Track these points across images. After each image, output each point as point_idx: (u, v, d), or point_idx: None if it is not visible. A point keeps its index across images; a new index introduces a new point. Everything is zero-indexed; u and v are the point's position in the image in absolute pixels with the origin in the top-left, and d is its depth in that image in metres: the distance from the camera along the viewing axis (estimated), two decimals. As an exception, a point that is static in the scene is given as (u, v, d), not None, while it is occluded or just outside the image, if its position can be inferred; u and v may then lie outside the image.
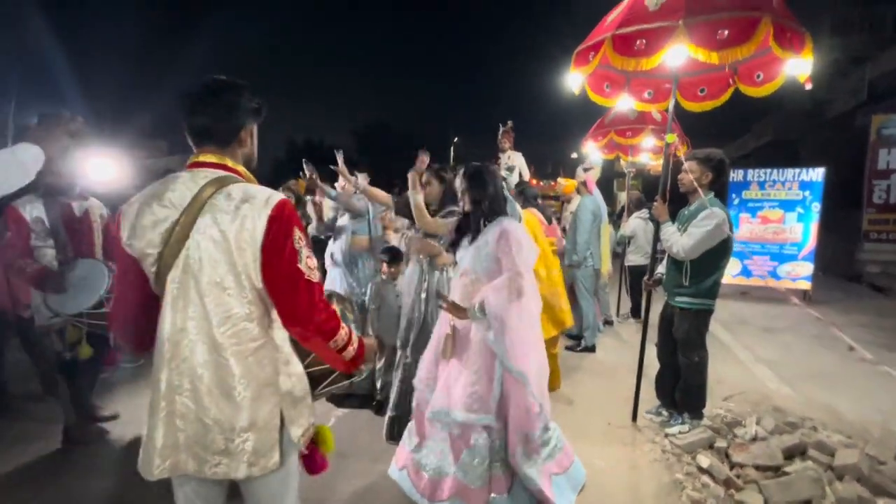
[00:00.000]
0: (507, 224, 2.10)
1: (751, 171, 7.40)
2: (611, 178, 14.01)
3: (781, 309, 6.61)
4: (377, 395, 3.18)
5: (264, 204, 1.11)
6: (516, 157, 5.80)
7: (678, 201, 2.95)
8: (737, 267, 7.31)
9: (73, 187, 2.70)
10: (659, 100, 3.37)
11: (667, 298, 2.96)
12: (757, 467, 2.42)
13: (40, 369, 3.16)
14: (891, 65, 9.71)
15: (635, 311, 5.71)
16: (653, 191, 3.02)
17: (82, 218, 2.73)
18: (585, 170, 4.89)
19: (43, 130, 1.37)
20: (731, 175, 7.44)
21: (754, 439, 2.70)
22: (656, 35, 2.40)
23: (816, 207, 6.95)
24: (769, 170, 7.26)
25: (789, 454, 2.50)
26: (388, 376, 3.00)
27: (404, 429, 2.41)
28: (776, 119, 14.68)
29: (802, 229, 7.05)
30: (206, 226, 1.10)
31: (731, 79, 2.97)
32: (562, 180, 5.80)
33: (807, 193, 7.00)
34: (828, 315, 6.25)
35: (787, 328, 5.60)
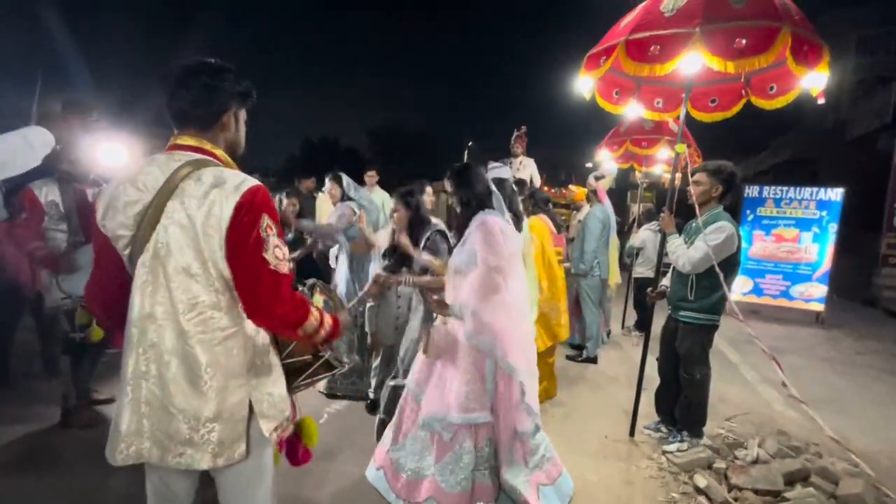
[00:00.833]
0: (484, 216, 2.06)
1: (767, 188, 7.25)
2: (625, 188, 13.86)
3: (792, 330, 6.45)
4: (371, 393, 3.15)
5: (234, 190, 1.07)
6: (528, 163, 5.75)
7: (687, 214, 2.89)
8: (748, 285, 7.16)
9: (87, 174, 2.75)
10: (669, 109, 3.31)
11: (670, 312, 2.89)
12: (756, 491, 2.33)
13: (46, 349, 3.21)
14: (918, 86, 9.50)
15: (641, 324, 5.61)
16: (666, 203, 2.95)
17: (94, 203, 2.75)
18: (597, 178, 4.82)
19: (62, 118, 1.39)
20: (747, 191, 7.31)
21: (755, 462, 2.62)
22: (671, 41, 2.35)
23: (833, 228, 6.78)
24: (786, 187, 7.11)
25: (791, 480, 2.41)
26: (384, 375, 2.97)
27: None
28: (796, 136, 14.44)
29: (818, 250, 6.88)
30: (175, 210, 1.07)
31: (743, 90, 2.91)
32: (573, 187, 5.74)
33: (824, 213, 6.84)
34: (840, 339, 6.08)
35: (796, 350, 5.45)
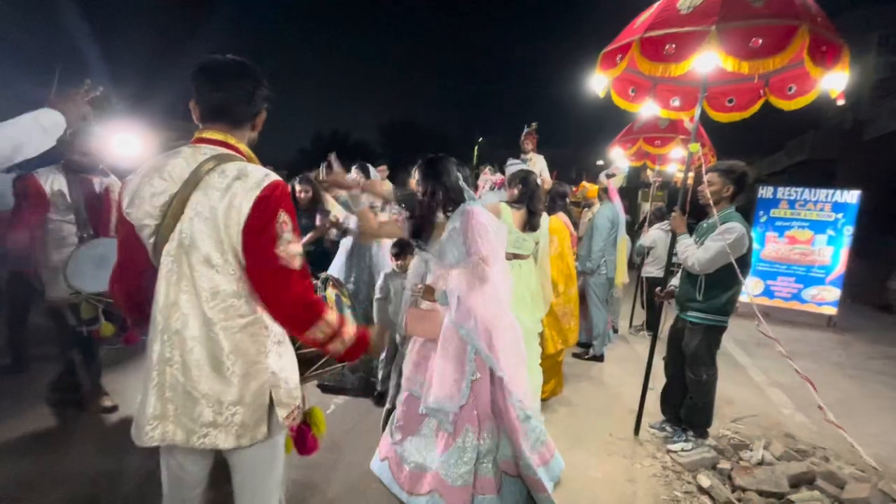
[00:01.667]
0: (470, 208, 2.04)
1: (781, 189, 7.13)
2: (636, 187, 13.72)
3: (803, 333, 6.36)
4: (377, 385, 3.19)
5: (255, 184, 1.10)
6: (538, 160, 5.72)
7: (698, 214, 2.87)
8: (759, 287, 7.08)
9: (96, 164, 2.69)
10: (686, 108, 3.27)
11: (678, 312, 2.88)
12: (760, 492, 2.33)
13: (59, 339, 3.18)
14: (941, 87, 9.26)
15: (649, 324, 5.58)
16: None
17: (102, 195, 2.72)
18: (609, 176, 4.79)
19: (63, 98, 1.39)
20: (760, 192, 7.20)
21: (760, 464, 2.61)
22: (686, 40, 2.32)
23: (849, 231, 6.66)
24: (801, 189, 6.99)
25: (796, 482, 2.40)
26: (390, 367, 3.00)
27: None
28: (813, 137, 14.17)
29: (832, 252, 6.77)
30: (198, 201, 1.10)
31: (761, 90, 2.87)
32: (586, 184, 5.71)
33: (839, 216, 6.72)
34: (852, 343, 5.99)
35: (807, 353, 5.38)
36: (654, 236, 5.47)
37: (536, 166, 5.64)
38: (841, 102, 2.43)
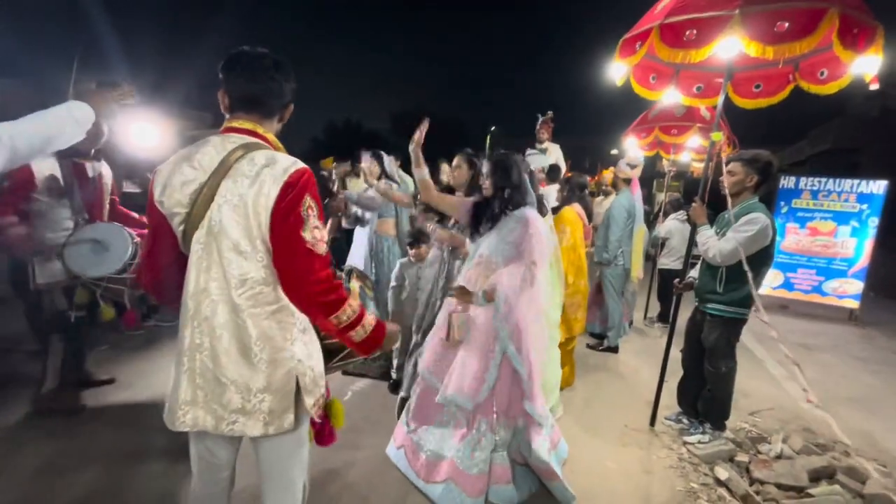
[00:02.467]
0: (529, 213, 2.10)
1: (803, 179, 6.94)
2: (651, 177, 13.48)
3: (824, 327, 6.24)
4: (393, 373, 3.22)
5: (283, 171, 1.12)
6: (554, 150, 5.67)
7: (717, 205, 2.81)
8: (779, 279, 6.93)
9: (90, 149, 2.56)
10: (709, 95, 3.18)
11: (697, 304, 2.84)
12: (779, 486, 2.31)
13: (34, 327, 2.89)
14: (976, 72, 8.84)
15: (663, 316, 5.52)
16: (694, 193, 2.87)
17: (94, 179, 2.63)
18: (632, 166, 4.70)
19: (97, 95, 1.41)
20: (782, 182, 7.02)
21: (779, 457, 2.58)
22: (708, 25, 2.25)
23: (874, 223, 6.46)
24: (824, 179, 6.79)
25: (815, 476, 2.38)
26: (404, 357, 3.03)
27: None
28: (837, 125, 13.69)
29: (855, 244, 6.59)
30: (228, 189, 1.12)
31: (791, 75, 2.77)
32: (606, 172, 5.62)
33: (864, 207, 6.52)
34: (875, 338, 5.85)
35: (827, 347, 5.29)
36: (670, 227, 5.38)
37: (552, 156, 5.60)
38: (875, 87, 2.34)
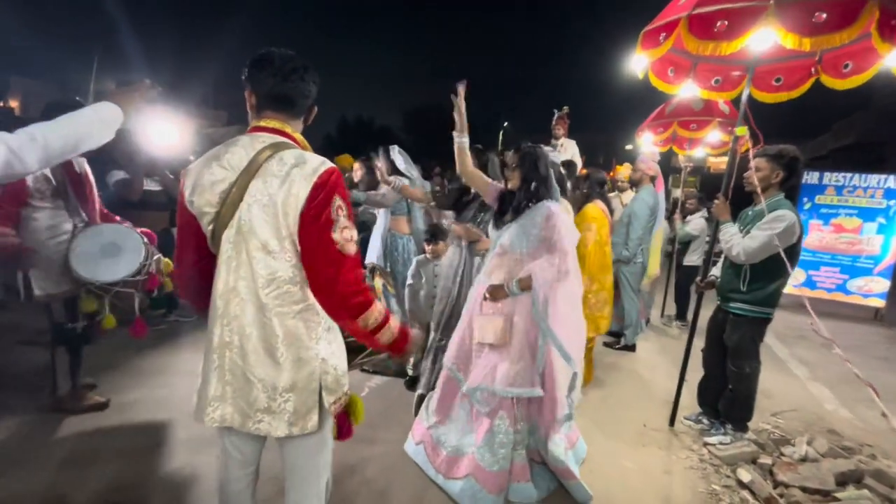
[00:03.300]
0: (553, 207, 2.09)
1: (827, 174, 6.76)
2: (666, 173, 13.25)
3: (847, 326, 6.08)
4: (409, 370, 3.23)
5: (313, 171, 1.12)
6: (570, 145, 5.59)
7: (739, 201, 2.74)
8: (800, 277, 6.78)
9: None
10: (727, 88, 3.09)
11: (719, 303, 2.79)
12: (804, 489, 2.26)
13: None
14: None
15: (681, 314, 5.44)
16: (711, 189, 2.81)
17: (83, 176, 2.47)
18: (657, 163, 4.61)
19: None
20: (805, 177, 6.85)
21: (803, 460, 2.53)
22: (741, 16, 2.18)
23: (902, 219, 6.29)
24: (849, 174, 6.61)
25: (842, 480, 2.32)
26: (421, 353, 3.03)
27: (432, 407, 2.43)
28: (862, 119, 13.31)
29: (882, 242, 6.41)
30: (258, 189, 1.12)
31: (813, 68, 2.68)
32: (621, 168, 5.53)
33: (892, 202, 6.34)
34: (901, 338, 5.70)
35: (852, 347, 5.15)
36: (699, 224, 5.28)
37: (568, 152, 5.53)
38: None
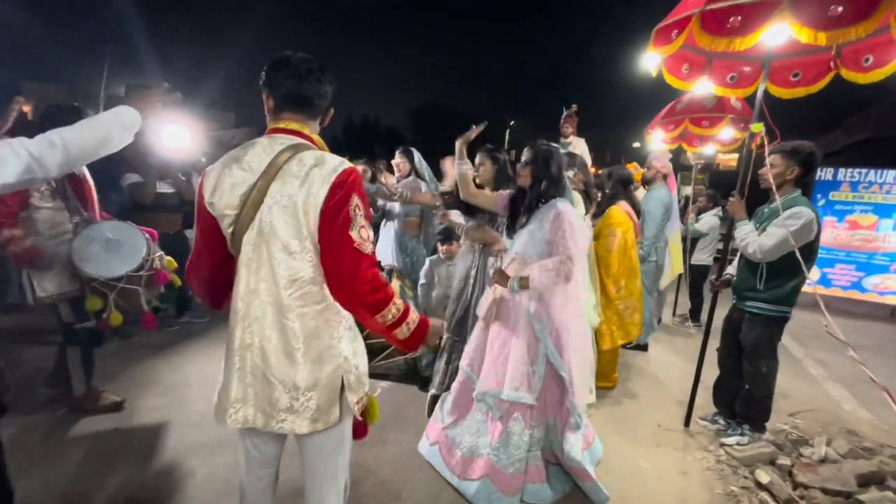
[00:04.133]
0: (561, 206, 2.05)
1: (842, 170, 6.65)
2: (675, 170, 13.11)
3: (863, 325, 5.99)
4: (423, 371, 3.23)
5: (332, 170, 1.12)
6: (579, 144, 5.55)
7: (754, 199, 2.70)
8: (815, 275, 6.68)
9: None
10: (742, 85, 3.06)
11: (735, 302, 2.75)
12: (825, 491, 2.22)
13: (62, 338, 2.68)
14: None
15: (694, 314, 5.39)
16: (721, 186, 2.78)
17: (81, 176, 2.48)
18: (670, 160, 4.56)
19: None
20: (819, 173, 6.75)
21: (823, 461, 2.49)
22: (754, 11, 2.15)
23: (919, 215, 6.18)
24: (865, 170, 6.50)
25: (864, 482, 2.28)
26: (434, 354, 3.03)
27: (445, 408, 2.43)
28: (878, 113, 13.04)
29: (899, 239, 6.30)
30: (278, 191, 1.13)
31: (832, 62, 2.64)
32: (630, 167, 5.48)
33: (909, 199, 6.24)
34: (920, 336, 5.59)
35: (869, 346, 5.07)
36: (711, 223, 5.23)
37: (577, 150, 5.49)
38: None
